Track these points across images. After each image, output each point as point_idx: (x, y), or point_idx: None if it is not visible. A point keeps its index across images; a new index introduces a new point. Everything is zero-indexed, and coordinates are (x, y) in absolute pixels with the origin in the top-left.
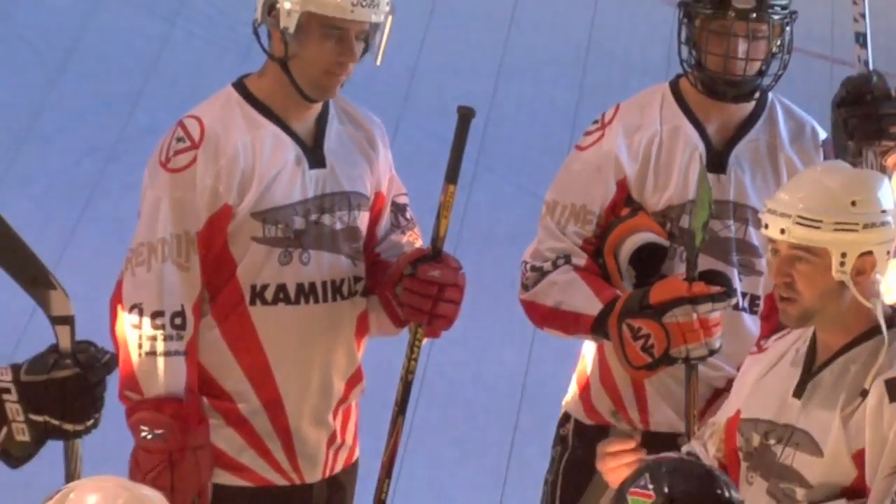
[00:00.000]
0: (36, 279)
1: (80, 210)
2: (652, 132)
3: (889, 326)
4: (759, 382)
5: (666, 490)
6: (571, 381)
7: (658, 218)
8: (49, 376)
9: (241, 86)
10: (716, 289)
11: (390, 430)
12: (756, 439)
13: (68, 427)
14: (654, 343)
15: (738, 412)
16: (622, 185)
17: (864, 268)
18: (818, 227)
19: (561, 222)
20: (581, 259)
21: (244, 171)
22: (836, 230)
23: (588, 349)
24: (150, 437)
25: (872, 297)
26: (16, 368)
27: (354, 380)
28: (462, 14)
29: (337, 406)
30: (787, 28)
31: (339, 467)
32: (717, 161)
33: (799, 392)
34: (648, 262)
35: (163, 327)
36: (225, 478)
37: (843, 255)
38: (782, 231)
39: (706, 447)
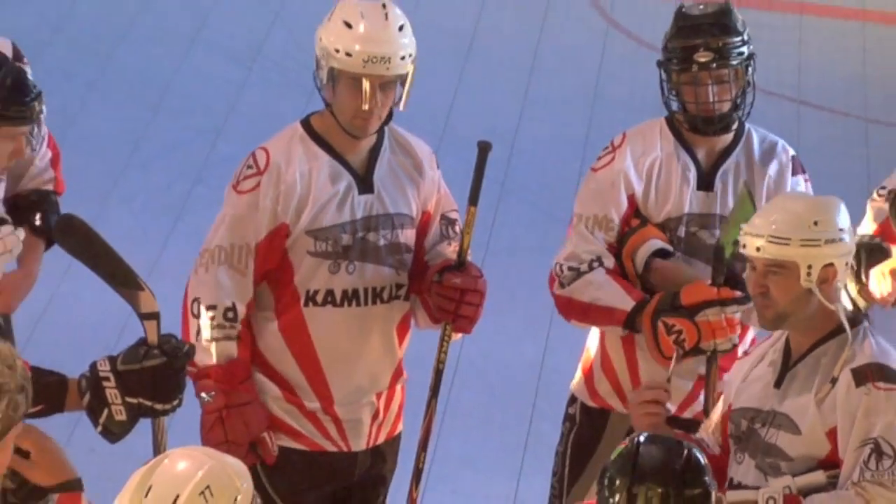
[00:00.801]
0: (127, 282)
1: (172, 225)
2: (654, 156)
3: (851, 326)
4: (745, 381)
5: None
6: (577, 368)
7: (659, 228)
8: (141, 365)
9: (306, 123)
10: (739, 293)
11: (425, 411)
12: (744, 424)
13: (158, 406)
14: (685, 338)
15: (730, 406)
16: (632, 200)
17: (828, 277)
18: (787, 244)
19: (588, 229)
20: (610, 262)
21: (300, 196)
22: (802, 246)
23: (592, 342)
24: (205, 399)
25: (836, 302)
26: (112, 359)
27: (395, 368)
28: (491, 61)
29: (379, 390)
30: (749, 70)
31: (381, 439)
32: (705, 181)
33: (778, 383)
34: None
35: (213, 318)
36: (286, 441)
37: (809, 266)
38: (758, 249)
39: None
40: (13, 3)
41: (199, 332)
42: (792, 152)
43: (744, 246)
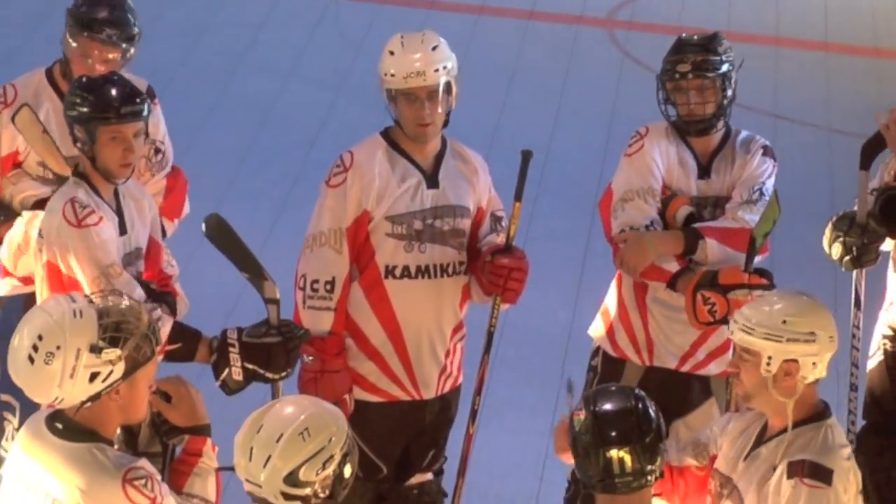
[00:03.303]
0: (257, 273)
1: (274, 220)
2: (666, 147)
3: (815, 420)
4: (730, 444)
5: (595, 406)
6: (598, 322)
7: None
8: (260, 341)
9: (385, 133)
10: (765, 281)
11: (480, 365)
12: (714, 485)
13: (269, 375)
14: (717, 309)
15: (714, 458)
16: (659, 177)
17: (790, 371)
18: (751, 334)
19: (642, 198)
20: (661, 226)
21: (379, 189)
22: (764, 338)
23: (611, 302)
24: (306, 360)
25: (792, 396)
26: (240, 330)
27: (458, 329)
28: (529, 88)
29: (445, 348)
30: (726, 83)
31: (447, 389)
32: (703, 171)
33: (746, 457)
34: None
35: (316, 291)
36: (367, 396)
37: (770, 358)
38: (732, 332)
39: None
40: (147, 39)
41: (304, 301)
42: (764, 142)
43: (731, 332)
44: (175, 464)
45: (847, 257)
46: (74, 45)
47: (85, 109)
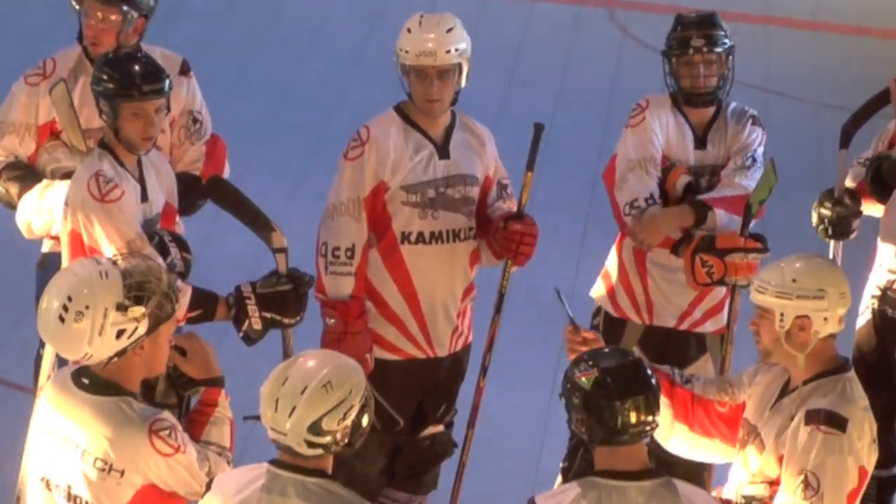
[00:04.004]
0: (263, 225)
1: (293, 187)
2: (666, 119)
3: (836, 373)
4: (759, 395)
5: (602, 365)
6: (600, 284)
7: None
8: (274, 290)
9: (398, 108)
10: (759, 245)
11: (490, 324)
12: (742, 433)
13: (286, 321)
14: (714, 271)
15: (741, 407)
16: (659, 147)
17: (804, 326)
18: (764, 293)
19: (643, 169)
20: (660, 199)
21: (394, 160)
22: (776, 296)
23: (612, 265)
24: (329, 322)
25: (804, 350)
26: (252, 284)
27: (468, 291)
28: (534, 64)
29: (457, 308)
30: (729, 58)
31: (459, 347)
32: (699, 141)
33: (771, 408)
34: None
35: (338, 258)
36: (385, 355)
37: (782, 315)
38: (749, 292)
39: (730, 388)
40: (175, 19)
41: (326, 267)
42: (753, 112)
43: (750, 292)
44: (192, 414)
45: (821, 226)
46: (78, 7)
47: (110, 86)
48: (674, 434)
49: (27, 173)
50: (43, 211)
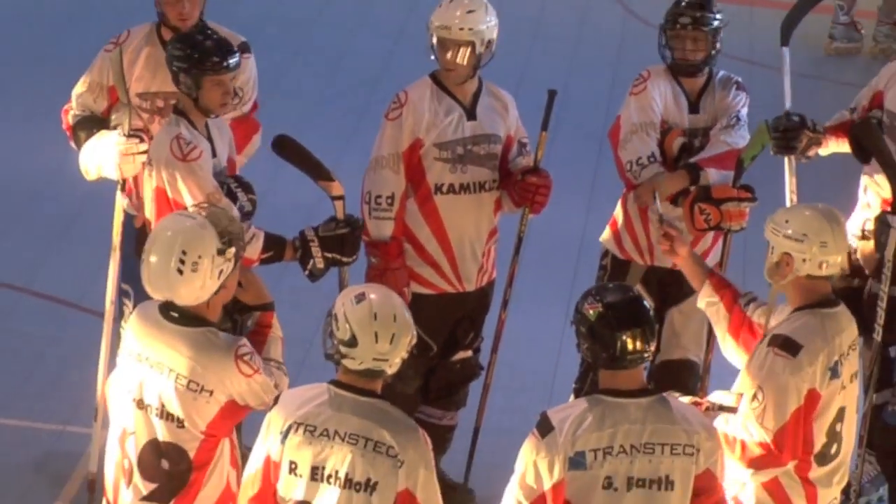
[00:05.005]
0: (323, 175)
1: (344, 146)
2: (664, 87)
3: (822, 307)
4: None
5: (606, 300)
6: (607, 230)
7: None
8: (334, 233)
9: (433, 76)
10: (750, 195)
11: (510, 264)
12: None
13: (345, 259)
14: (711, 218)
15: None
16: (659, 113)
17: (787, 262)
18: (766, 227)
19: (644, 132)
20: (659, 158)
21: (428, 121)
22: (771, 232)
23: (618, 215)
24: (373, 260)
25: (782, 282)
26: (315, 228)
27: (492, 234)
28: (550, 38)
29: (483, 249)
30: (716, 35)
31: (484, 283)
32: (693, 106)
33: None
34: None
35: (379, 204)
36: (421, 289)
37: (773, 248)
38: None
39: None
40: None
41: (370, 213)
42: (737, 79)
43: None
44: (251, 335)
45: (771, 142)
46: None
47: (192, 62)
48: (726, 344)
49: (94, 123)
50: (95, 157)
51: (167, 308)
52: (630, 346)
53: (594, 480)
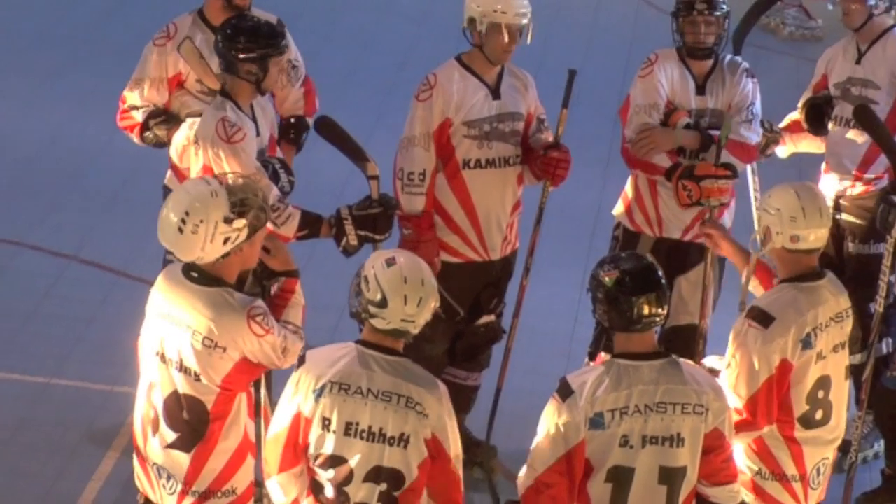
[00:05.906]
0: (360, 156)
1: (374, 123)
2: (671, 70)
3: (803, 280)
4: None
5: (622, 267)
6: (619, 204)
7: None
8: (367, 212)
9: (458, 58)
10: (728, 172)
11: (532, 233)
12: None
13: (377, 237)
14: (693, 194)
15: None
16: (664, 95)
17: (769, 234)
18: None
19: (647, 113)
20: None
21: (456, 101)
22: (757, 207)
23: (629, 188)
24: (406, 232)
25: (762, 253)
26: (349, 207)
27: (516, 207)
28: (568, 24)
29: (507, 220)
30: (725, 21)
31: (508, 252)
32: (700, 88)
33: None
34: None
35: (412, 181)
36: (450, 258)
37: (758, 221)
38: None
39: None
40: None
41: (402, 188)
42: (746, 65)
43: None
44: (274, 299)
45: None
46: None
47: (260, 49)
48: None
49: (169, 117)
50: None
51: (189, 268)
52: (646, 310)
53: (612, 439)
